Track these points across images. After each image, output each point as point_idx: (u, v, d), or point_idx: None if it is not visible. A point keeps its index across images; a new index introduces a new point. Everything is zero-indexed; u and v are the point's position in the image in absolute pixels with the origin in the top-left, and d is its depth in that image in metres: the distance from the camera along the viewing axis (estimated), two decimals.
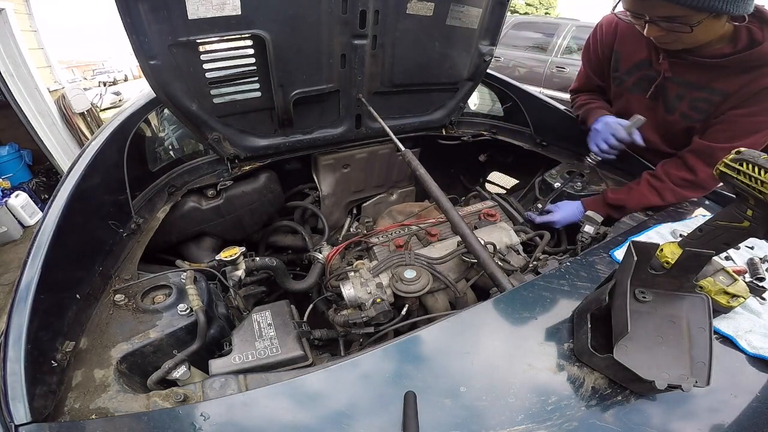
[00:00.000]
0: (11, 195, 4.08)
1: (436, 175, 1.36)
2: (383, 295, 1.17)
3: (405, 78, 1.61)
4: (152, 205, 1.34)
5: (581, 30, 5.73)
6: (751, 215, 0.66)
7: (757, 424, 0.70)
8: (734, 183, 0.66)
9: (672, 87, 1.30)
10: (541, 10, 20.76)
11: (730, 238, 0.71)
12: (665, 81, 1.30)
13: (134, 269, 1.09)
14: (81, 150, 1.17)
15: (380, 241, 1.50)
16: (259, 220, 1.72)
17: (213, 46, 1.20)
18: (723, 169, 0.68)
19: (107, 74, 18.50)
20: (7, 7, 4.04)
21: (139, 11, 1.01)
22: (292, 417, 0.66)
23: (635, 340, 0.73)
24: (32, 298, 0.78)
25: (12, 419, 0.63)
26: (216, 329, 1.00)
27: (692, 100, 1.26)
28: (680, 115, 1.31)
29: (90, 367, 0.81)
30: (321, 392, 0.71)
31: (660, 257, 0.76)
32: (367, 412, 0.68)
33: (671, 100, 1.32)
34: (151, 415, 0.68)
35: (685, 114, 1.30)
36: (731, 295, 0.86)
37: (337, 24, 1.31)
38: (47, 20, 11.42)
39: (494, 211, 1.60)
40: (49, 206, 0.97)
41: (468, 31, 1.57)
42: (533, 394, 0.71)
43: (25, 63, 4.21)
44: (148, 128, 1.52)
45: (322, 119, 1.61)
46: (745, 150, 0.64)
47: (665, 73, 1.28)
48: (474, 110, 2.34)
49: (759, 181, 0.61)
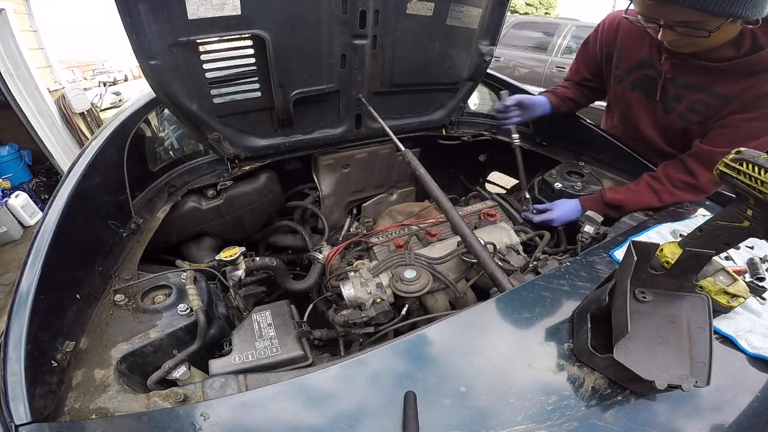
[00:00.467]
0: (11, 195, 4.08)
1: (436, 175, 1.36)
2: (383, 295, 1.17)
3: (405, 78, 1.61)
4: (152, 205, 1.34)
5: (581, 30, 5.73)
6: (751, 215, 0.66)
7: (757, 424, 0.70)
8: (734, 183, 0.66)
9: (672, 88, 1.30)
10: (541, 10, 20.75)
11: (730, 238, 0.71)
12: (666, 81, 1.30)
13: (134, 269, 1.08)
14: (81, 150, 1.17)
15: (380, 241, 1.50)
16: (259, 220, 1.72)
17: (213, 46, 1.20)
18: (723, 168, 0.67)
19: (107, 74, 18.47)
20: (7, 7, 4.05)
21: (139, 11, 1.01)
22: (292, 417, 0.66)
23: (635, 340, 0.73)
24: (32, 298, 0.78)
25: (12, 419, 0.63)
26: (216, 329, 1.00)
27: (691, 102, 1.26)
28: (678, 116, 1.32)
29: (90, 367, 0.81)
30: (321, 392, 0.71)
31: (660, 257, 0.76)
32: (367, 412, 0.68)
33: (670, 100, 1.32)
34: (151, 415, 0.68)
35: (682, 115, 1.30)
36: (731, 295, 0.86)
37: (337, 24, 1.31)
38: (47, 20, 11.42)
39: (494, 211, 1.60)
40: (49, 206, 0.97)
41: (468, 31, 1.57)
42: (533, 394, 0.71)
43: (25, 63, 4.21)
44: (148, 128, 1.52)
45: (322, 119, 1.61)
46: (745, 150, 0.64)
47: (666, 73, 1.28)
48: (474, 110, 2.34)
49: (759, 181, 0.61)
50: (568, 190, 1.58)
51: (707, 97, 1.23)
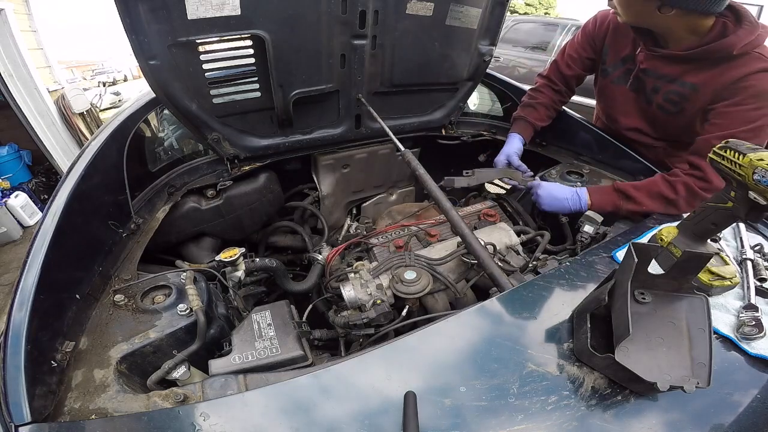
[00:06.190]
0: (11, 195, 4.08)
1: (435, 175, 1.36)
2: (383, 296, 1.17)
3: (405, 78, 1.61)
4: (152, 206, 1.34)
5: None
6: (734, 196, 0.76)
7: (757, 424, 0.70)
8: (720, 168, 0.77)
9: (649, 80, 1.37)
10: (540, 10, 20.77)
11: (717, 219, 0.80)
12: (642, 73, 1.37)
13: (134, 269, 1.08)
14: (81, 150, 1.18)
15: (380, 242, 1.50)
16: (259, 220, 1.72)
17: (212, 47, 1.20)
18: (712, 156, 0.78)
19: (107, 74, 18.46)
20: (6, 8, 4.04)
21: (138, 11, 1.01)
22: (292, 417, 0.66)
23: (636, 341, 0.73)
24: (32, 298, 0.78)
25: (12, 419, 0.63)
26: (216, 329, 1.00)
27: (666, 93, 1.33)
28: (657, 107, 1.38)
29: (90, 368, 0.81)
30: (321, 392, 0.71)
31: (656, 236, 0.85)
32: (367, 412, 0.68)
33: (648, 92, 1.38)
34: (151, 415, 0.68)
35: (660, 105, 1.36)
36: (714, 274, 0.88)
37: (337, 24, 1.30)
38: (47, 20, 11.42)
39: (494, 212, 1.60)
40: (49, 206, 0.97)
41: (468, 31, 1.57)
42: (533, 394, 0.71)
43: (25, 63, 4.21)
44: (147, 128, 1.52)
45: (321, 119, 1.61)
46: (732, 140, 0.74)
47: (640, 64, 1.35)
48: (474, 110, 2.34)
49: (738, 165, 0.71)
50: None
51: (679, 88, 1.29)
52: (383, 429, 0.65)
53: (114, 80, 18.03)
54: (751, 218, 0.75)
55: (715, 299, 0.90)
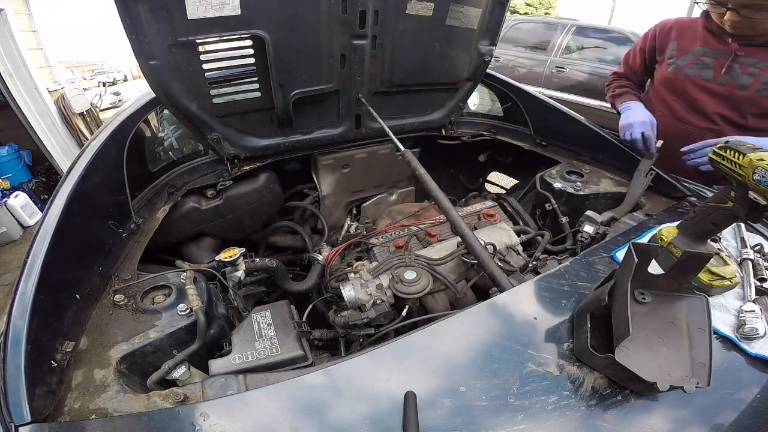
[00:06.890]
0: (11, 195, 4.08)
1: (436, 175, 1.36)
2: (383, 296, 1.17)
3: (405, 78, 1.61)
4: (152, 206, 1.34)
5: (581, 30, 5.73)
6: (734, 196, 0.75)
7: (757, 424, 0.70)
8: (720, 167, 0.75)
9: (742, 66, 1.45)
10: (541, 10, 20.77)
11: (718, 219, 0.80)
12: (734, 61, 1.45)
13: (134, 269, 1.08)
14: (81, 150, 1.17)
15: (380, 242, 1.50)
16: (259, 220, 1.72)
17: (212, 47, 1.20)
18: (712, 155, 0.77)
19: (107, 74, 18.49)
20: (6, 7, 4.04)
21: (138, 11, 1.01)
22: (292, 417, 0.66)
23: (636, 341, 0.73)
24: (32, 298, 0.78)
25: (12, 419, 0.63)
26: (216, 329, 0.99)
27: (765, 77, 1.42)
28: (756, 90, 1.45)
29: (90, 367, 0.81)
30: (321, 392, 0.71)
31: (656, 236, 0.84)
32: (367, 412, 0.68)
33: (742, 78, 1.46)
34: (151, 415, 0.68)
35: (760, 89, 1.43)
36: (714, 274, 0.87)
37: (337, 24, 1.30)
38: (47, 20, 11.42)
39: (494, 212, 1.60)
40: (49, 206, 0.97)
41: (468, 31, 1.57)
42: (533, 394, 0.71)
43: (25, 63, 4.21)
44: (147, 128, 1.52)
45: (321, 119, 1.61)
46: (732, 140, 0.74)
47: (737, 52, 1.44)
48: (474, 110, 2.34)
49: (738, 165, 0.70)
50: (568, 189, 1.58)
51: None
52: (383, 429, 0.65)
53: (114, 80, 18.05)
54: (751, 218, 0.75)
55: (715, 299, 0.90)
